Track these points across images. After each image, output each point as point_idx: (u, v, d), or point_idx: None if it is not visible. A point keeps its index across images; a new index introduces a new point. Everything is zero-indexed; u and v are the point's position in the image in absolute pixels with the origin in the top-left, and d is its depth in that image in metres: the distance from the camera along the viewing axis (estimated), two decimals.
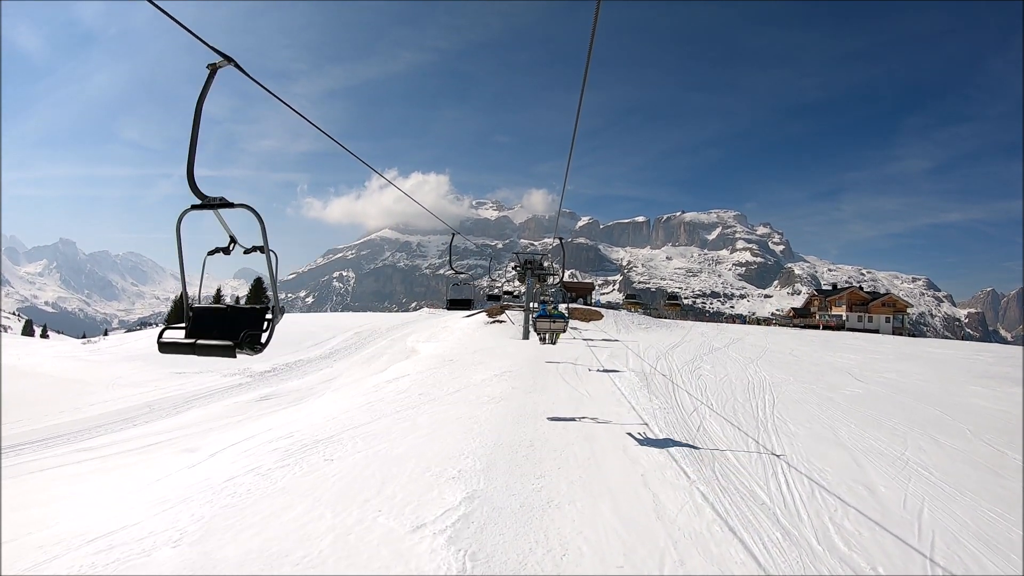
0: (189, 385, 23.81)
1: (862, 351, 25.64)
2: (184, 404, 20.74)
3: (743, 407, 10.72)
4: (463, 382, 12.30)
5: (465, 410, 9.29)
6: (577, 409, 9.36)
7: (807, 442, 8.58)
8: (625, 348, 21.12)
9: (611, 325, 29.86)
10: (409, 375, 14.25)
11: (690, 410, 9.86)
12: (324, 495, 5.97)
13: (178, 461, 9.90)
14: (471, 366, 14.91)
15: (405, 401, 10.52)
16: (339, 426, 8.97)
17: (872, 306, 49.19)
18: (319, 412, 10.72)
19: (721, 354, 20.69)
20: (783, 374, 15.94)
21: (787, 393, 12.71)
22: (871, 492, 6.80)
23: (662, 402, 10.36)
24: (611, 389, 11.39)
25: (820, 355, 22.92)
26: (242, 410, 19.53)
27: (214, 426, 16.97)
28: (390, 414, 9.47)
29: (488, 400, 10.05)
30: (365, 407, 10.42)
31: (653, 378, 13.47)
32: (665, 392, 11.48)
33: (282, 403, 20.30)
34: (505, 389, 11.11)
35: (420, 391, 11.46)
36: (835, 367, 19.14)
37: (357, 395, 12.12)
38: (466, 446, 7.20)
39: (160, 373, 26.11)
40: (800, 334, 33.56)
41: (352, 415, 9.72)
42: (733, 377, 14.63)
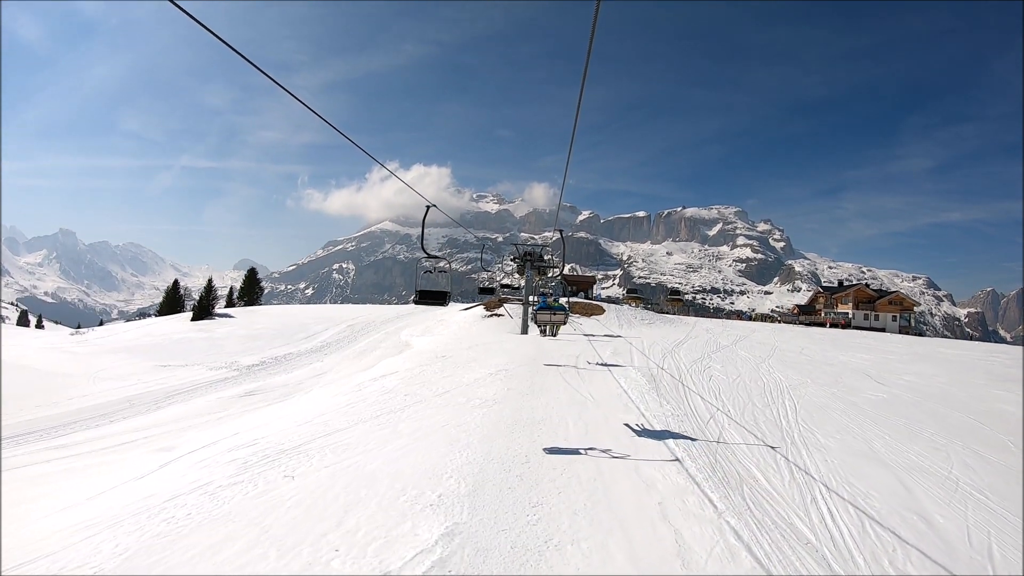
0: (173, 379, 22.83)
1: (874, 350, 24.59)
2: (165, 399, 19.77)
3: (763, 414, 9.66)
4: (454, 381, 11.23)
5: (453, 415, 8.22)
6: (580, 415, 8.29)
7: (842, 457, 7.53)
8: (628, 345, 20.05)
9: (613, 320, 28.77)
10: (397, 372, 13.19)
11: (706, 418, 8.80)
12: (274, 525, 4.92)
13: (151, 461, 8.98)
14: (464, 363, 13.84)
15: (388, 403, 9.46)
16: (310, 432, 7.92)
17: (879, 304, 48.08)
18: (293, 415, 9.65)
19: (729, 352, 19.63)
20: (798, 375, 14.89)
21: (807, 397, 11.66)
22: (928, 524, 5.75)
23: (674, 408, 9.29)
24: (616, 391, 10.33)
25: (832, 354, 21.86)
26: (225, 406, 18.55)
27: (193, 423, 16.00)
28: (369, 419, 8.40)
29: (480, 403, 8.98)
30: (344, 409, 9.36)
31: (661, 379, 12.41)
32: (676, 396, 10.41)
33: (267, 399, 19.32)
34: (500, 390, 10.04)
35: (406, 391, 10.40)
36: (850, 368, 18.09)
37: (338, 395, 11.06)
38: (451, 461, 6.14)
39: (145, 366, 25.14)
40: (807, 332, 32.49)
41: (328, 419, 8.66)
42: (746, 378, 13.57)
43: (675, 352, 18.51)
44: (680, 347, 20.25)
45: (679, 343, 21.70)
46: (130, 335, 34.57)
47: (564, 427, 7.57)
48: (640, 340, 22.08)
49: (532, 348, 17.42)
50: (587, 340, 21.47)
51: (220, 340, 31.58)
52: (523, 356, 15.04)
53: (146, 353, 28.22)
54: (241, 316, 38.32)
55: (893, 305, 48.14)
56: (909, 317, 48.32)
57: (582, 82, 4.62)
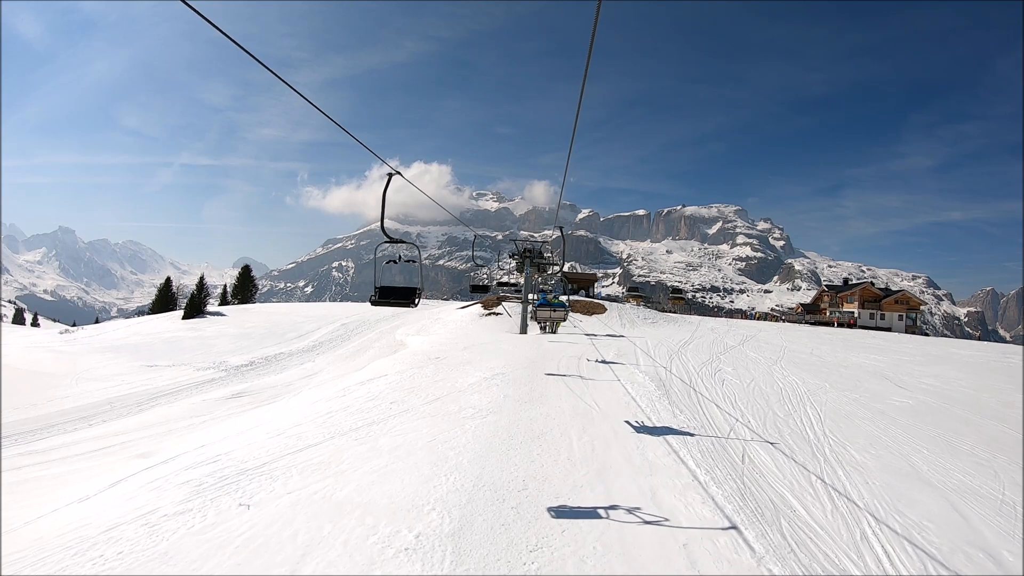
0: (159, 380, 21.92)
1: (887, 351, 23.69)
2: (149, 401, 18.85)
3: (786, 424, 8.76)
4: (446, 387, 10.31)
5: (442, 428, 7.30)
6: (585, 429, 7.37)
7: (883, 478, 6.63)
8: (632, 345, 19.13)
9: (615, 319, 27.84)
10: (386, 375, 12.27)
11: (726, 430, 7.88)
12: (216, 570, 4.01)
13: (126, 468, 8.16)
14: (458, 366, 12.92)
15: (372, 412, 8.55)
16: (281, 447, 7.01)
17: (885, 303, 47.14)
18: (268, 423, 8.74)
19: (738, 353, 18.73)
20: (815, 379, 13.99)
21: (830, 404, 10.76)
22: (997, 563, 4.86)
23: (688, 418, 8.37)
24: (624, 399, 9.41)
25: (844, 356, 20.96)
26: (209, 409, 17.66)
27: (175, 427, 15.14)
28: (348, 431, 7.49)
29: (473, 413, 8.06)
30: (323, 418, 8.45)
31: (671, 384, 11.49)
32: (689, 404, 9.50)
33: (254, 401, 18.43)
34: (495, 398, 9.12)
35: (393, 398, 9.48)
36: (866, 370, 17.19)
37: (319, 401, 10.14)
38: (435, 488, 5.22)
39: (131, 366, 24.26)
40: (815, 332, 31.59)
41: (303, 431, 7.74)
42: (761, 383, 12.66)
43: (682, 353, 17.59)
44: (686, 348, 19.34)
45: (685, 343, 20.78)
46: (119, 334, 33.68)
47: (567, 443, 6.65)
48: (644, 340, 21.17)
49: (531, 349, 16.51)
50: (589, 340, 20.55)
51: (210, 339, 30.67)
52: (522, 358, 14.12)
53: (133, 352, 27.31)
54: (233, 315, 37.38)
55: (899, 304, 47.23)
56: (915, 316, 47.42)
57: (583, 82, 4.46)
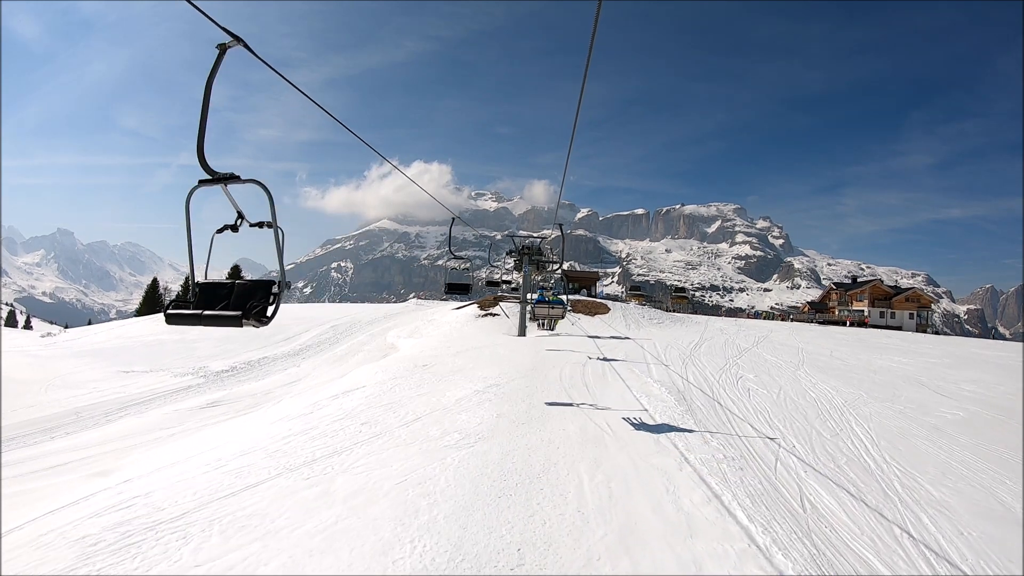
0: (133, 387, 20.39)
1: (909, 353, 22.25)
2: (118, 411, 17.34)
3: (837, 448, 7.29)
4: (430, 402, 8.83)
5: (418, 462, 5.82)
6: (598, 463, 5.88)
7: (977, 525, 5.16)
8: (640, 349, 17.65)
9: (619, 320, 26.36)
10: (365, 387, 10.79)
11: (770, 461, 6.40)
12: None
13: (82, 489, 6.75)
14: (448, 375, 11.43)
15: (338, 436, 7.07)
16: (213, 487, 5.52)
17: (895, 301, 45.65)
18: (207, 453, 7.24)
19: (755, 357, 17.26)
20: (847, 387, 12.53)
21: (876, 419, 9.29)
22: None
23: (722, 443, 6.89)
24: (640, 418, 7.92)
25: (867, 358, 19.50)
26: (181, 420, 16.17)
27: (142, 441, 13.68)
28: (301, 464, 6.01)
29: (458, 440, 6.58)
30: (277, 444, 6.97)
31: (691, 396, 10.01)
32: (718, 422, 8.01)
33: (229, 412, 16.94)
34: (486, 418, 7.63)
35: (366, 417, 8.00)
36: (897, 375, 15.74)
37: (280, 420, 8.64)
38: (394, 564, 3.73)
39: (106, 372, 22.74)
40: (828, 332, 30.12)
41: (248, 462, 6.27)
42: (791, 392, 11.20)
43: (695, 357, 16.12)
44: (698, 351, 17.87)
45: (695, 346, 19.31)
46: (101, 337, 32.30)
47: (576, 485, 5.17)
48: (652, 343, 19.69)
49: (530, 354, 15.02)
50: (593, 343, 19.08)
51: (192, 343, 29.20)
52: (519, 365, 12.63)
53: (112, 357, 25.83)
54: None
55: (910, 302, 45.73)
56: (926, 315, 45.98)
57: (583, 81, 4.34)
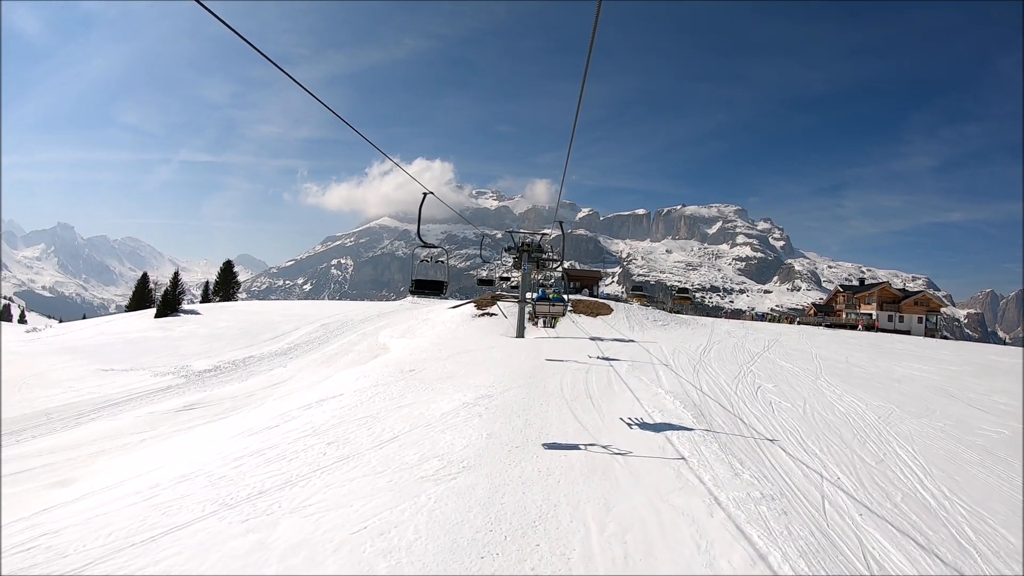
0: (109, 386, 19.28)
1: (927, 360, 21.12)
2: (90, 413, 16.21)
3: (886, 478, 6.16)
4: (412, 417, 7.68)
5: (384, 501, 4.67)
6: (607, 503, 4.72)
7: None
8: (647, 353, 16.50)
9: (622, 321, 25.19)
10: (343, 395, 9.65)
11: (816, 499, 5.27)
12: None
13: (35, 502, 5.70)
14: (437, 383, 10.28)
15: (295, 461, 5.92)
16: (127, 528, 4.39)
17: (904, 305, 44.50)
18: (141, 479, 6.09)
19: (768, 363, 16.12)
20: (875, 399, 11.39)
21: (916, 439, 8.16)
22: None
23: (755, 474, 5.74)
24: (656, 441, 6.78)
25: (886, 365, 18.36)
26: (154, 424, 15.06)
27: (110, 447, 12.57)
28: (243, 500, 4.87)
29: (438, 469, 5.43)
30: (225, 469, 5.83)
31: (710, 412, 8.86)
32: (746, 447, 6.87)
33: (206, 415, 15.82)
34: (474, 439, 6.48)
35: (335, 435, 6.86)
36: (922, 385, 14.63)
37: (238, 435, 7.51)
38: None
39: (86, 369, 21.63)
40: (838, 336, 28.98)
41: (183, 493, 5.13)
42: (817, 406, 10.06)
43: (705, 363, 14.98)
44: (708, 356, 16.72)
45: (704, 350, 18.17)
46: (86, 333, 31.28)
47: (582, 538, 4.04)
48: (658, 346, 18.54)
49: (528, 358, 13.87)
50: (596, 345, 17.95)
51: (178, 340, 28.10)
52: (516, 372, 11.48)
53: (93, 354, 24.72)
54: (208, 313, 34.79)
55: (919, 306, 44.58)
56: (935, 319, 44.87)
57: (583, 80, 4.38)
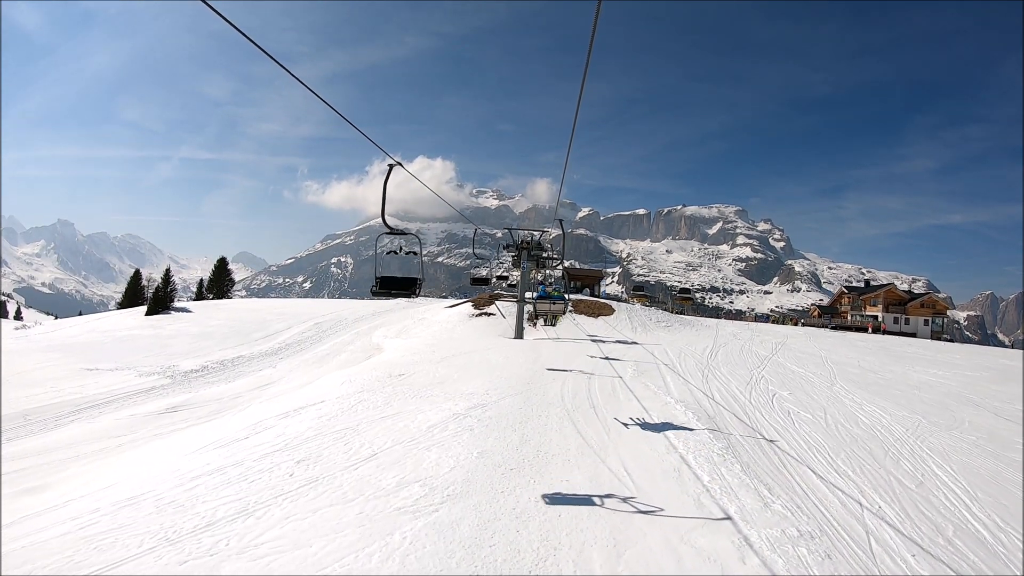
0: (93, 387, 18.50)
1: (940, 364, 20.37)
2: (70, 415, 15.42)
3: (928, 505, 5.39)
4: (395, 430, 6.91)
5: (350, 541, 3.89)
6: (617, 545, 3.93)
7: None
8: (651, 356, 15.73)
9: (624, 322, 24.43)
10: (324, 402, 8.88)
11: (860, 536, 4.49)
12: None
13: None
14: (427, 389, 9.51)
15: (257, 483, 5.15)
16: (49, 569, 3.64)
17: (910, 307, 43.69)
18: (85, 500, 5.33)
19: (778, 368, 15.36)
20: (897, 408, 10.63)
21: (952, 455, 7.40)
22: None
23: (788, 504, 4.97)
24: (669, 460, 6.00)
25: (900, 370, 17.59)
26: (135, 427, 14.27)
27: (85, 452, 11.80)
28: (185, 535, 4.10)
29: (418, 500, 4.64)
30: (179, 490, 5.07)
31: (725, 424, 8.09)
32: (771, 468, 6.09)
33: (189, 418, 15.02)
34: (463, 458, 5.71)
35: (307, 451, 6.09)
36: (941, 392, 13.87)
37: (204, 449, 6.74)
38: None
39: (70, 369, 20.85)
40: (846, 339, 28.21)
41: (122, 522, 4.37)
42: (838, 416, 9.30)
43: (714, 367, 14.21)
44: (715, 360, 15.96)
45: (711, 353, 17.40)
46: (75, 330, 30.51)
47: None
48: (662, 349, 17.77)
49: (527, 362, 13.10)
50: (598, 348, 17.18)
51: (167, 339, 27.33)
52: (513, 376, 10.70)
53: (80, 353, 23.94)
54: (200, 310, 34.04)
55: (925, 308, 43.78)
56: (941, 322, 44.10)
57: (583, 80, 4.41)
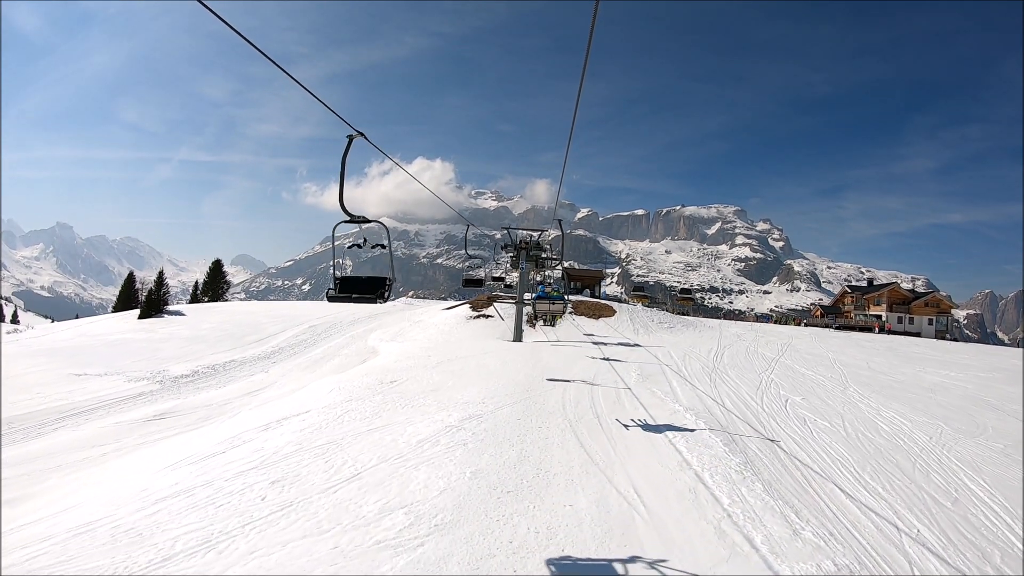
0: (79, 392, 17.87)
1: (951, 365, 19.83)
2: (55, 422, 14.77)
3: (968, 526, 4.85)
4: (383, 444, 6.35)
5: None
6: None
7: None
8: (655, 359, 15.18)
9: (626, 323, 23.88)
10: (310, 412, 8.32)
11: (903, 567, 3.96)
12: None
13: None
14: (419, 397, 8.94)
15: (225, 509, 4.59)
16: None
17: (914, 306, 43.17)
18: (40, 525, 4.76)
19: (787, 370, 14.81)
20: (915, 413, 10.09)
21: (983, 467, 6.84)
22: None
23: (819, 530, 4.41)
24: (683, 479, 5.44)
25: (911, 372, 17.04)
26: (118, 436, 13.66)
27: (67, 461, 11.20)
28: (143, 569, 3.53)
29: (401, 531, 4.08)
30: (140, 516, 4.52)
31: (740, 435, 7.53)
32: (793, 484, 5.54)
33: (176, 426, 14.43)
34: (453, 483, 5.14)
35: (284, 470, 5.53)
36: (958, 395, 13.31)
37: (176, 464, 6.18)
38: None
39: (59, 374, 20.22)
40: (852, 339, 27.67)
41: (72, 553, 3.81)
42: (857, 423, 8.74)
43: (721, 371, 13.66)
44: (721, 362, 15.41)
45: (716, 355, 16.85)
46: (66, 334, 29.90)
47: None
48: (666, 351, 17.21)
49: (526, 367, 12.53)
50: (599, 351, 16.63)
51: (158, 342, 26.73)
52: (511, 383, 10.15)
53: (69, 357, 23.33)
54: (193, 313, 33.45)
55: (929, 307, 43.24)
56: (946, 321, 43.56)
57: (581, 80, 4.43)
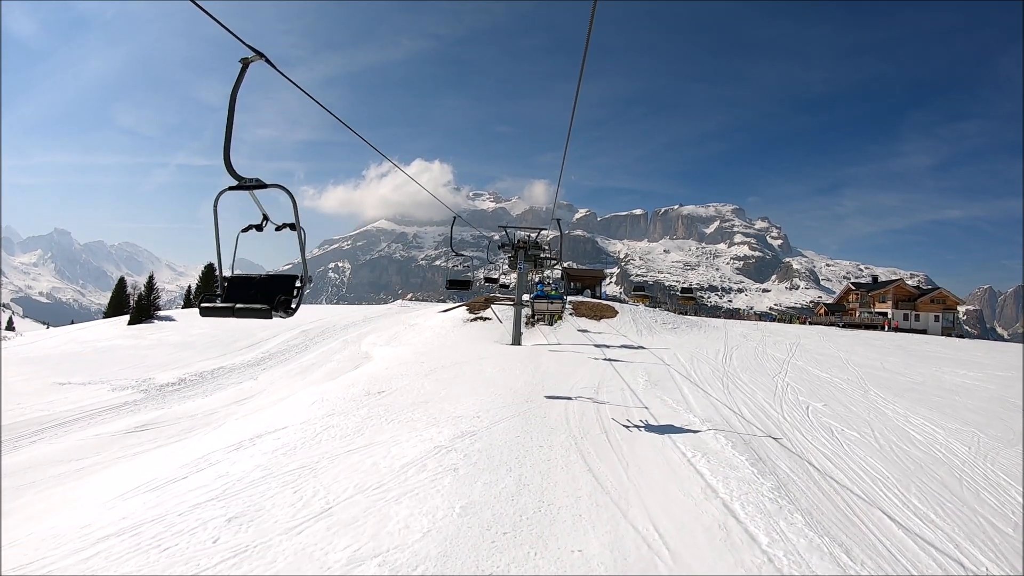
0: (62, 402, 17.06)
1: (966, 363, 19.10)
2: (32, 435, 13.95)
3: None
4: (362, 469, 5.56)
5: None
6: None
7: None
8: (661, 361, 14.41)
9: (628, 324, 23.11)
10: (287, 428, 7.54)
11: None
12: None
13: None
14: (408, 410, 8.16)
15: (165, 557, 3.82)
16: None
17: (920, 303, 42.45)
18: None
19: (800, 372, 14.06)
20: (945, 419, 9.33)
21: None
22: None
23: (872, 571, 3.67)
24: (710, 510, 4.67)
25: (929, 372, 16.29)
26: (99, 448, 12.85)
27: (43, 476, 10.44)
28: None
29: None
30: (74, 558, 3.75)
31: (765, 451, 6.76)
32: (835, 511, 4.75)
33: (158, 438, 13.62)
34: (439, 522, 4.36)
35: (243, 505, 4.75)
36: (984, 397, 12.54)
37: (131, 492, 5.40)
38: None
39: (41, 383, 19.40)
40: (860, 337, 26.94)
41: None
42: (889, 434, 7.99)
43: (732, 374, 12.90)
44: (731, 364, 14.66)
45: (724, 357, 16.10)
46: (54, 341, 29.12)
47: None
48: (672, 353, 16.46)
49: (525, 373, 11.74)
50: (602, 353, 15.87)
51: (146, 349, 25.95)
52: (509, 392, 9.36)
53: (55, 365, 22.53)
54: (183, 319, 32.70)
55: (935, 304, 42.52)
56: (952, 318, 42.87)
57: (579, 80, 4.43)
